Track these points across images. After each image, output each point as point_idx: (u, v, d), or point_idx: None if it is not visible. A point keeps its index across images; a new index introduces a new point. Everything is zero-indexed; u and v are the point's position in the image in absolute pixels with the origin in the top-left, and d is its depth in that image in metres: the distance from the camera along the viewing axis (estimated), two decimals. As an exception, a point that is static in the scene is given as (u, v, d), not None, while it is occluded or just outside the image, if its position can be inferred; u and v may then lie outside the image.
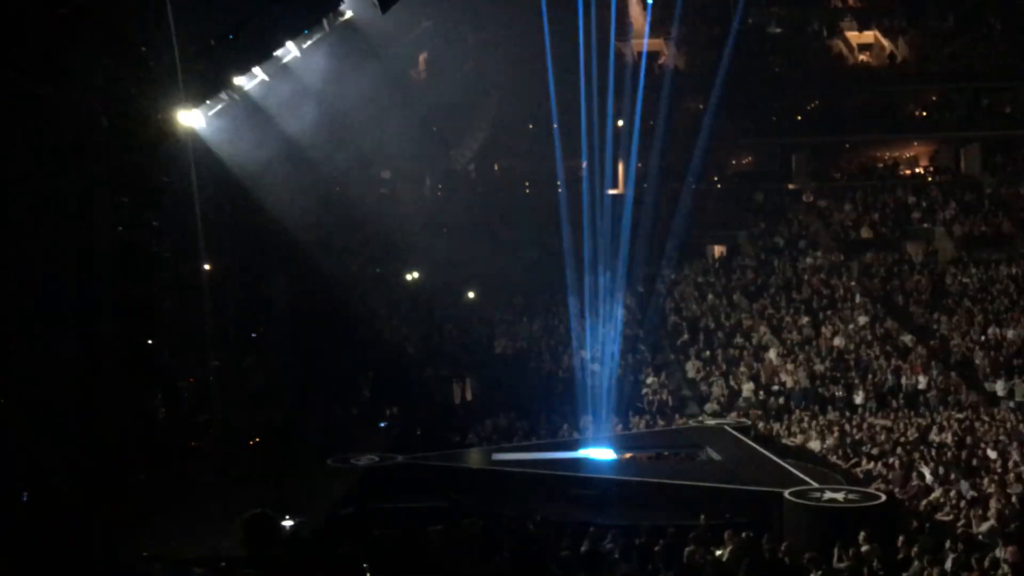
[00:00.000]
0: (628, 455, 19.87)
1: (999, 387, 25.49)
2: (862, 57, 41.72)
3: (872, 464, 19.26)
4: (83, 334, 15.05)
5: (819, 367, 27.00)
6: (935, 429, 21.89)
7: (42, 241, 14.34)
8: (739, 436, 20.52)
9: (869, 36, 42.06)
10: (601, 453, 19.49)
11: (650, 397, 26.18)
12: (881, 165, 41.14)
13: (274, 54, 18.99)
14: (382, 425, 25.35)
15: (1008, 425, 21.84)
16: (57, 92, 14.52)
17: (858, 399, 25.40)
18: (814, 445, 21.26)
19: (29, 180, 14.43)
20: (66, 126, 14.95)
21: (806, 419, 23.58)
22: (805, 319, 29.97)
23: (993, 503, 15.62)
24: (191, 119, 16.97)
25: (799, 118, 40.87)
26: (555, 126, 30.28)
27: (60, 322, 14.66)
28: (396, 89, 27.72)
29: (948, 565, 12.56)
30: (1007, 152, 38.88)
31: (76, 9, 14.30)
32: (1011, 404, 24.47)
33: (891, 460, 19.19)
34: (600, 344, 24.41)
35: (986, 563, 12.38)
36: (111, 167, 15.38)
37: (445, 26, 30.78)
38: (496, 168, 40.36)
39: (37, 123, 14.45)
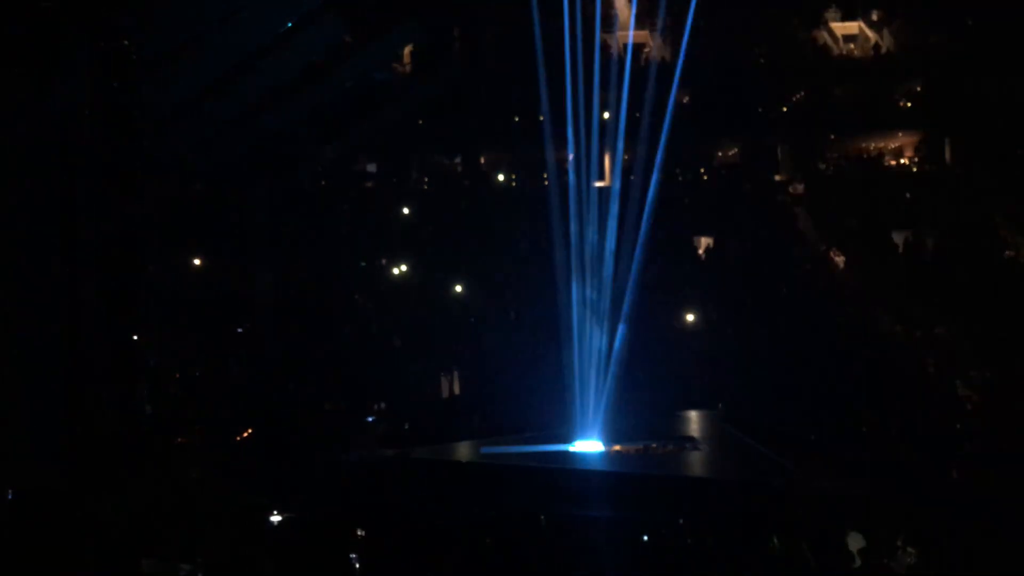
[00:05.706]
0: (617, 447, 19.89)
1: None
2: (847, 48, 41.72)
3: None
4: (67, 330, 14.95)
5: (807, 357, 27.07)
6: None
7: (26, 237, 14.23)
8: (730, 427, 20.57)
9: (854, 27, 42.07)
10: (590, 446, 19.51)
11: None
12: (866, 156, 41.21)
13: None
14: (369, 420, 25.27)
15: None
16: (38, 85, 14.38)
17: (845, 388, 25.45)
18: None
19: (11, 175, 14.30)
20: (48, 120, 14.82)
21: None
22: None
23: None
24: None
25: (785, 109, 40.85)
26: (541, 118, 30.13)
27: (44, 318, 14.56)
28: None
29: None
30: (993, 143, 38.92)
31: (58, 2, 14.18)
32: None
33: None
34: (588, 336, 24.36)
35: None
36: (95, 162, 15.25)
37: (431, 17, 30.63)
38: (483, 160, 40.22)
39: (19, 118, 14.32)
